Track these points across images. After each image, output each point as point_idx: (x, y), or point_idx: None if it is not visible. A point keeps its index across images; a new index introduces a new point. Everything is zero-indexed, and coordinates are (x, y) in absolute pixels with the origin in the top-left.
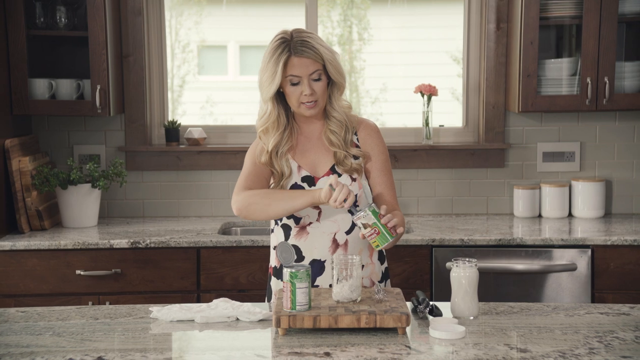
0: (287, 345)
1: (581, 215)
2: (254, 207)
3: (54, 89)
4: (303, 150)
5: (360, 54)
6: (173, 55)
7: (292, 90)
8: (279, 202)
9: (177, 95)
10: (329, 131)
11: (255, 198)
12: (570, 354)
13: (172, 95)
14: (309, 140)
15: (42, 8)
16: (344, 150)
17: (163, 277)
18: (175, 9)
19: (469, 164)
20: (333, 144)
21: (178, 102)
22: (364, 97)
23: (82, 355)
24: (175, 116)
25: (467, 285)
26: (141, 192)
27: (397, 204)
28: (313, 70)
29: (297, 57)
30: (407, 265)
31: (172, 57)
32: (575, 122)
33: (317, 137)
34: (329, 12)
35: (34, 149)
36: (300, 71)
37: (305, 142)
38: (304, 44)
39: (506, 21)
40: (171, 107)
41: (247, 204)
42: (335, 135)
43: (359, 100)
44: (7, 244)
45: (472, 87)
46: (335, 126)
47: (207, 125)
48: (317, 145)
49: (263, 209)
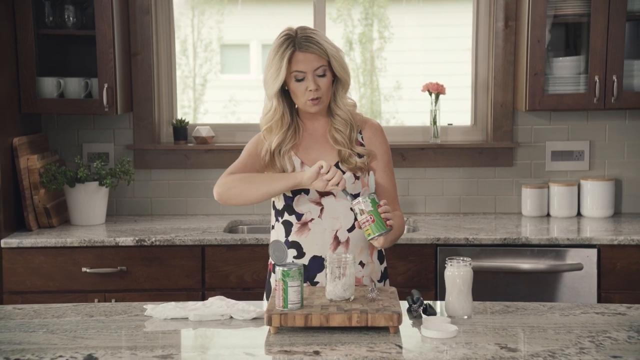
0: (278, 344)
1: (590, 215)
2: (233, 191)
3: (62, 87)
4: (307, 147)
5: (382, 52)
6: (195, 54)
7: (297, 86)
8: (259, 184)
9: (199, 94)
10: (333, 129)
11: (234, 182)
12: (560, 354)
13: (194, 94)
14: (313, 137)
15: (51, 7)
16: (349, 148)
17: (168, 275)
18: (197, 7)
19: (477, 162)
20: (338, 142)
21: (200, 100)
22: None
23: (72, 352)
24: (198, 115)
25: (461, 285)
26: (149, 190)
27: (398, 204)
28: (318, 65)
29: (301, 52)
30: (412, 264)
31: (194, 56)
32: (585, 121)
33: (321, 134)
34: (350, 10)
35: (43, 147)
36: (305, 66)
37: (309, 139)
38: (309, 40)
39: (514, 19)
40: (193, 106)
41: (226, 188)
42: (340, 133)
43: (380, 99)
44: (14, 241)
45: (481, 86)
46: (339, 124)
47: (215, 124)
48: (321, 143)
49: (242, 193)
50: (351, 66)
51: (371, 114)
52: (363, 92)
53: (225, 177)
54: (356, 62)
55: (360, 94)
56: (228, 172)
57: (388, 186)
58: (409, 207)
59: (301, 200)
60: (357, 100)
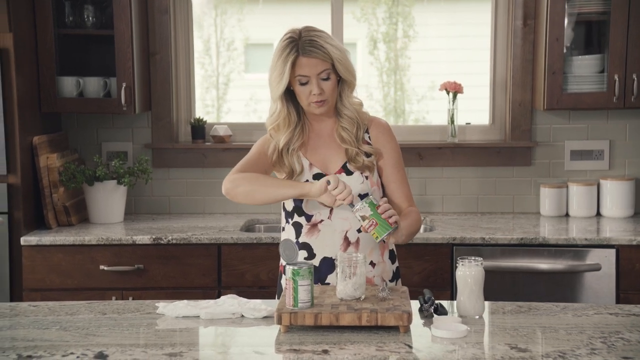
0: (287, 342)
1: (610, 215)
2: (241, 189)
3: (81, 87)
4: (314, 148)
5: (406, 51)
6: (218, 53)
7: (302, 89)
8: (266, 188)
9: (222, 93)
10: (340, 128)
11: (243, 181)
12: (570, 354)
13: (218, 93)
14: (320, 137)
15: (71, 7)
16: (356, 147)
17: (184, 273)
18: (219, 7)
19: (495, 162)
20: (345, 141)
21: (223, 99)
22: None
23: (84, 349)
24: (221, 114)
25: (473, 284)
26: (167, 189)
27: (412, 199)
28: (322, 69)
29: (305, 57)
30: (428, 263)
31: (217, 56)
32: (605, 120)
33: (328, 134)
34: (374, 9)
35: (63, 146)
36: (309, 71)
37: (317, 140)
38: (312, 44)
39: (533, 17)
40: (216, 105)
41: (234, 185)
42: (346, 132)
43: (405, 99)
44: (33, 239)
45: (499, 85)
46: (346, 123)
47: (233, 123)
48: (328, 143)
49: (249, 193)
50: (375, 65)
51: (395, 113)
52: (386, 92)
53: (234, 173)
54: (380, 61)
55: (384, 93)
56: (237, 168)
57: (400, 183)
58: (426, 206)
59: (310, 202)
60: (382, 99)
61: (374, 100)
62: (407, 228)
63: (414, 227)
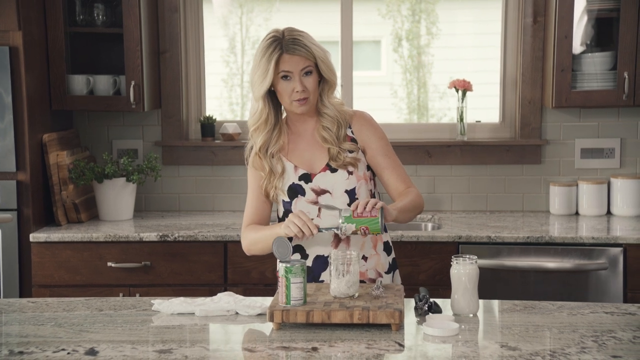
0: (278, 340)
1: (620, 214)
2: (252, 248)
3: (91, 84)
4: (297, 149)
5: (429, 48)
6: (243, 51)
7: (284, 86)
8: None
9: (247, 91)
10: (321, 128)
11: (247, 241)
12: (560, 353)
13: (242, 91)
14: (303, 138)
15: (81, 6)
16: (337, 146)
17: (191, 270)
18: (245, 5)
19: (504, 160)
20: (326, 141)
21: (247, 97)
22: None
23: (75, 346)
24: (245, 111)
25: (467, 282)
26: (177, 186)
27: (409, 181)
28: (304, 65)
29: (288, 54)
30: (434, 262)
31: (242, 54)
32: (616, 118)
33: (310, 134)
34: (399, 6)
35: (73, 143)
36: (292, 67)
37: (299, 141)
38: (296, 42)
39: (543, 15)
40: (241, 103)
41: (246, 244)
42: (327, 131)
43: (427, 96)
44: (42, 235)
45: (509, 82)
46: (328, 122)
47: (242, 121)
48: (311, 143)
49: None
50: (399, 63)
51: (418, 111)
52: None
53: (243, 230)
54: (404, 58)
55: (407, 91)
56: (244, 222)
57: (393, 169)
58: (434, 204)
59: (299, 203)
60: (405, 97)
61: (398, 98)
62: (401, 207)
63: (409, 204)
